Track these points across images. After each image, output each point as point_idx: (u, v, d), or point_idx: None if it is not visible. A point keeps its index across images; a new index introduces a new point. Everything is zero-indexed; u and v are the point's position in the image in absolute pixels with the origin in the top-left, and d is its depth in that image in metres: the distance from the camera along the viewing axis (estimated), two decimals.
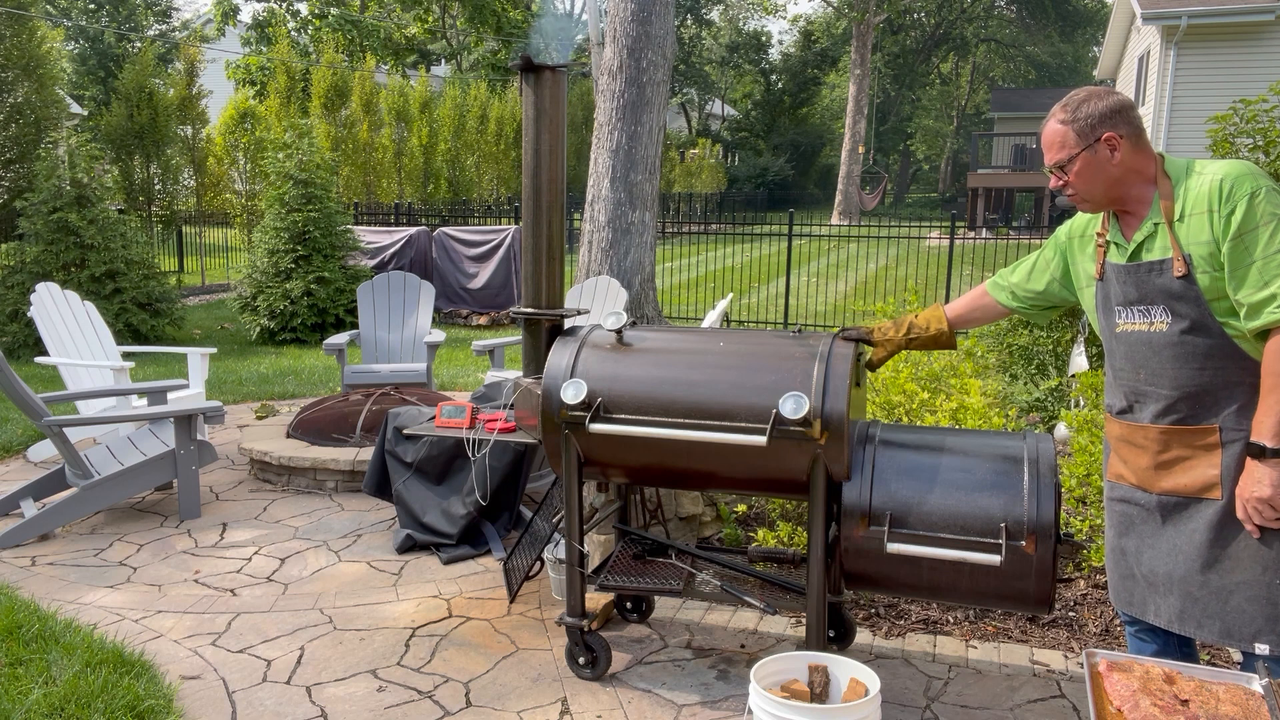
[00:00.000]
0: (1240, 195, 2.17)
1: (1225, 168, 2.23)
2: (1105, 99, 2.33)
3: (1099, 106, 2.32)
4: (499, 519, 4.65)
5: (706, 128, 50.89)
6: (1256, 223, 2.15)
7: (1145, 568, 2.40)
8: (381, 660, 3.47)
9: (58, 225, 9.95)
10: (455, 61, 34.38)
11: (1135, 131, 2.33)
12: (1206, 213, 2.21)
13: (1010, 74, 52.24)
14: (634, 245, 6.58)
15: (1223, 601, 2.25)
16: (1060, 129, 2.35)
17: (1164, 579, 2.35)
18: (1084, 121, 2.32)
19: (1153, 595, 2.38)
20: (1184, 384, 2.28)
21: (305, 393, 7.97)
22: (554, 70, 3.20)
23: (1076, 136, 2.33)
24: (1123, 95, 2.35)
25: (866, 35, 31.88)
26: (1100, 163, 2.32)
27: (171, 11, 38.98)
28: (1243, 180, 2.19)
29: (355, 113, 18.20)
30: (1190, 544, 2.30)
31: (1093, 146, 2.31)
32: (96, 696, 3.05)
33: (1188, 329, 2.26)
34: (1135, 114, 2.34)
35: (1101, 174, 2.33)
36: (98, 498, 4.74)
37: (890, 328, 2.92)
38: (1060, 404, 5.64)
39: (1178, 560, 2.32)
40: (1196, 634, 2.30)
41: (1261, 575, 2.21)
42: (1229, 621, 2.25)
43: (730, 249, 20.34)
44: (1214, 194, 2.21)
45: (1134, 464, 2.41)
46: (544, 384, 3.10)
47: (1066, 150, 2.35)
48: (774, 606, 3.19)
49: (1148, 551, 2.39)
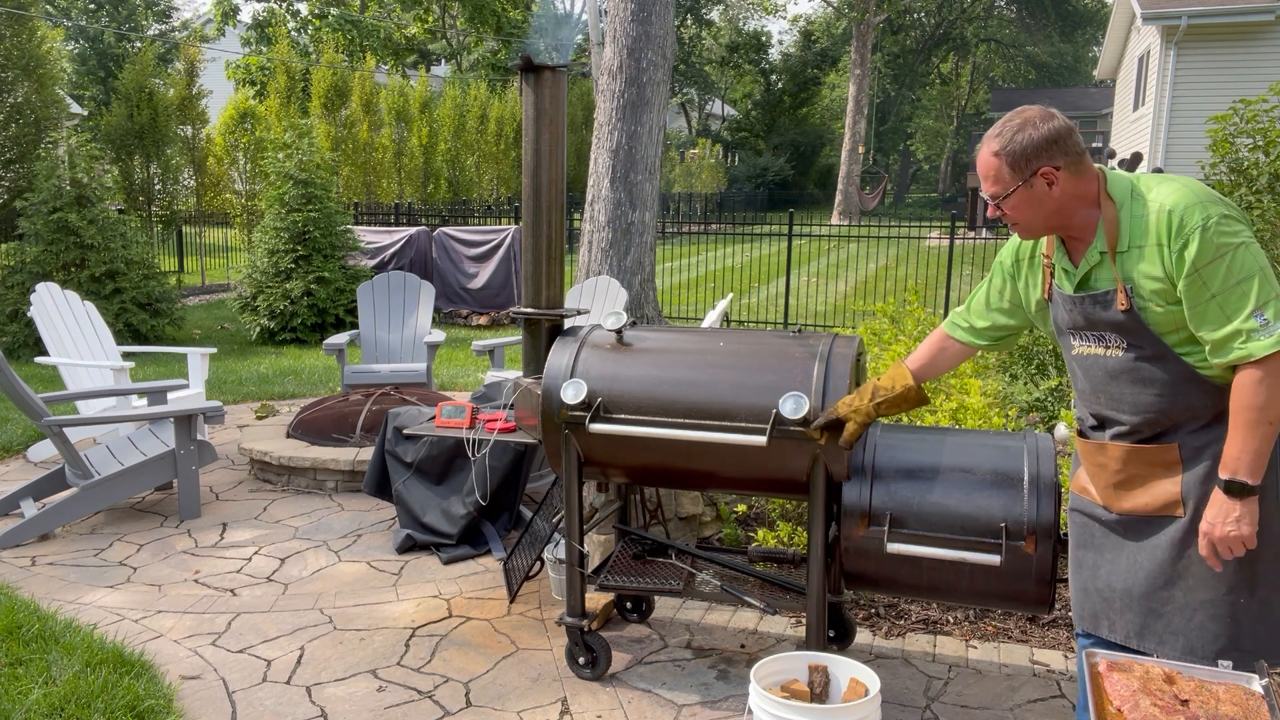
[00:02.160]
0: (1191, 229, 2.05)
1: (1172, 195, 2.11)
2: (1040, 127, 2.17)
3: (1033, 137, 2.16)
4: (499, 519, 4.65)
5: (706, 128, 50.90)
6: (1211, 256, 2.04)
7: (1102, 583, 2.33)
8: (381, 660, 3.47)
9: (58, 225, 9.95)
10: (455, 61, 34.38)
11: (1074, 159, 2.18)
12: (1156, 246, 2.11)
13: (1010, 74, 52.24)
14: (634, 245, 6.58)
15: (1186, 618, 2.20)
16: (994, 161, 2.21)
17: (1122, 595, 2.28)
18: (1018, 155, 2.17)
19: (1108, 611, 2.32)
20: (1143, 408, 2.22)
21: (305, 393, 7.97)
22: (554, 70, 3.20)
23: (1011, 171, 2.19)
24: (1059, 120, 2.20)
25: (866, 35, 31.88)
26: (1038, 196, 2.19)
27: (171, 11, 38.99)
28: (1191, 211, 2.06)
29: (355, 113, 18.20)
30: (1152, 560, 2.24)
31: (1028, 182, 2.18)
32: (96, 696, 3.05)
33: (1142, 356, 2.19)
34: (1074, 139, 2.19)
35: (1040, 207, 2.21)
36: (98, 498, 4.74)
37: (854, 398, 2.75)
38: (1060, 404, 5.63)
39: (1138, 576, 2.25)
40: (1157, 650, 2.23)
41: (1226, 595, 2.16)
42: (1192, 639, 2.19)
43: (730, 249, 20.34)
44: (1162, 227, 2.09)
45: (1097, 482, 2.34)
46: (544, 384, 3.10)
47: (1000, 185, 2.21)
48: (774, 606, 3.19)
49: (1105, 567, 2.33)
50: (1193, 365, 2.15)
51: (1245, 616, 2.17)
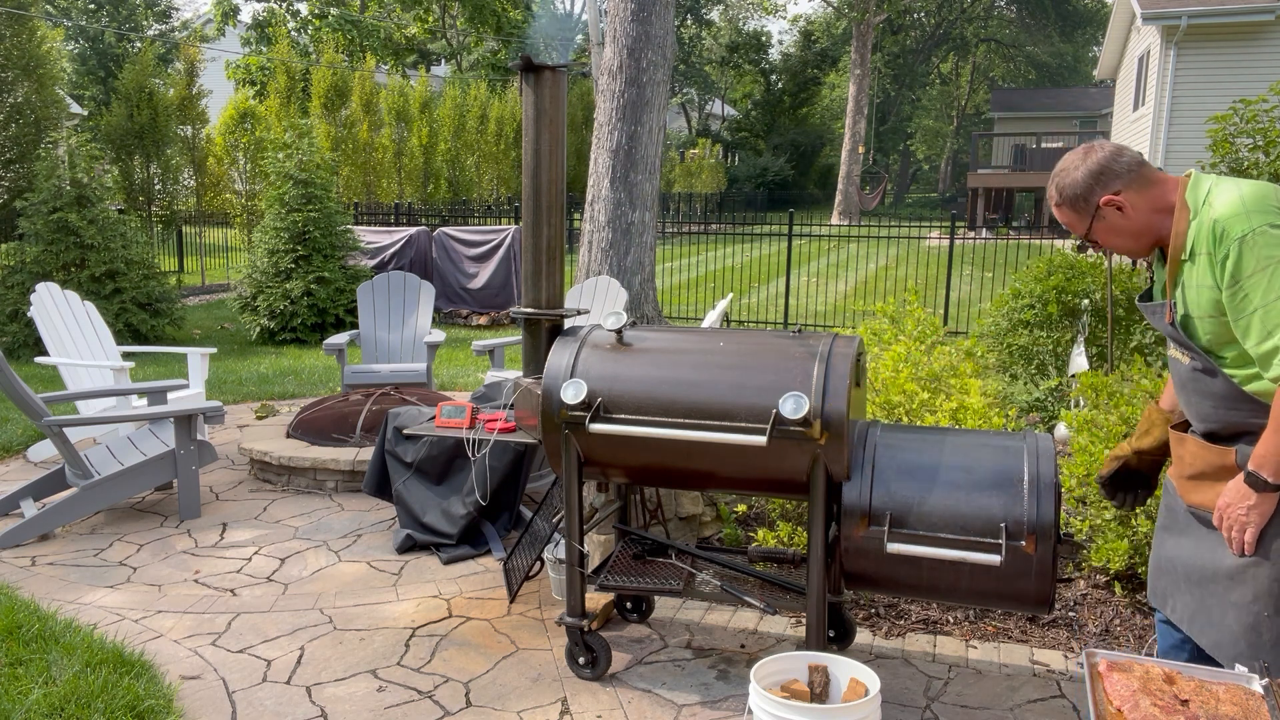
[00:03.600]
0: (1231, 239, 2.05)
1: (1223, 204, 2.11)
2: (1082, 164, 2.24)
3: (1078, 178, 2.24)
4: (499, 519, 4.65)
5: (706, 128, 50.89)
6: (1253, 269, 2.04)
7: (1166, 561, 2.41)
8: (381, 660, 3.47)
9: (58, 225, 9.95)
10: (455, 61, 34.39)
11: (1132, 177, 2.22)
12: (1207, 254, 2.12)
13: (1010, 74, 52.26)
14: (634, 245, 6.58)
15: (1221, 614, 2.25)
16: (1061, 211, 2.29)
17: (1183, 577, 2.36)
18: (1075, 198, 2.25)
19: (1175, 592, 2.39)
20: (1204, 417, 2.27)
21: (305, 393, 7.97)
22: (554, 70, 3.20)
23: (1076, 215, 2.27)
24: (1100, 152, 2.24)
25: (866, 35, 31.88)
26: (1115, 224, 2.24)
27: (171, 11, 38.98)
28: (1235, 221, 2.06)
29: (355, 113, 18.20)
30: (1211, 554, 2.30)
31: (1098, 215, 2.24)
32: (96, 696, 3.05)
33: (1198, 369, 2.23)
34: (1121, 161, 2.22)
35: (1124, 231, 2.25)
36: (98, 498, 4.74)
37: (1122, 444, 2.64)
38: (1060, 404, 5.64)
39: (1196, 564, 2.32)
40: (1199, 639, 2.29)
41: (1252, 603, 2.19)
42: (1221, 636, 2.24)
43: (730, 249, 20.34)
44: (1210, 236, 2.11)
45: (1177, 471, 2.41)
46: (544, 384, 3.10)
47: (1079, 227, 2.28)
48: (774, 606, 3.19)
49: (1173, 547, 2.40)
50: (1240, 383, 2.16)
51: (1267, 631, 2.19)
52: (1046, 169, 24.61)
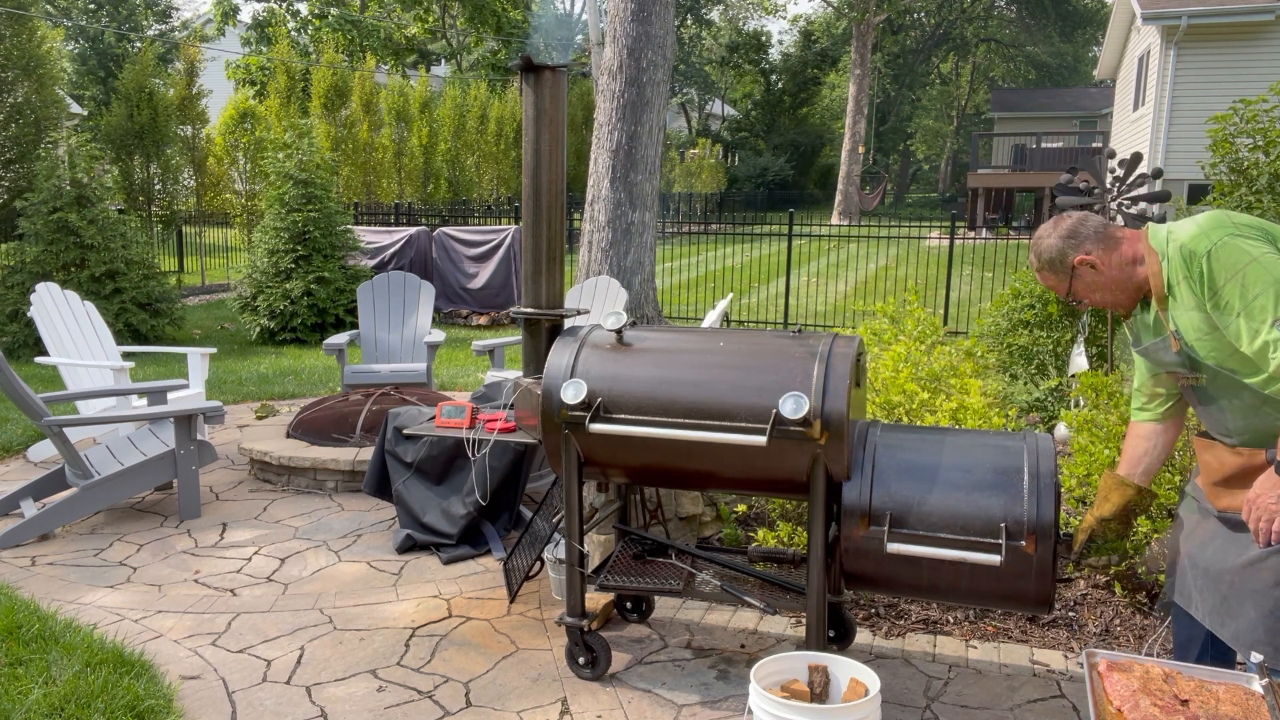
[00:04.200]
0: (1199, 257, 2.23)
1: (1185, 233, 2.29)
2: (1054, 232, 2.48)
3: (1052, 243, 2.48)
4: (499, 519, 4.65)
5: (706, 128, 50.87)
6: (1226, 277, 2.19)
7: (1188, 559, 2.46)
8: (381, 660, 3.47)
9: (58, 225, 9.95)
10: (455, 61, 34.38)
11: (1099, 237, 2.43)
12: (1184, 279, 2.28)
13: (1010, 74, 52.25)
14: (634, 245, 6.58)
15: (1240, 604, 2.30)
16: (1043, 276, 2.54)
17: (1204, 573, 2.40)
18: (1050, 262, 2.49)
19: (1197, 590, 2.44)
20: (1230, 430, 2.35)
21: (305, 393, 7.97)
22: (554, 70, 3.20)
23: (1056, 276, 2.50)
24: (1069, 219, 2.48)
25: (866, 35, 31.87)
26: (1091, 282, 2.46)
27: (171, 11, 38.98)
28: (1197, 241, 2.25)
29: (355, 113, 18.20)
30: (1239, 553, 2.34)
31: (1075, 274, 2.47)
32: (96, 696, 3.05)
33: (1214, 385, 2.33)
34: (1088, 225, 2.45)
35: (1101, 288, 2.45)
36: (98, 498, 4.74)
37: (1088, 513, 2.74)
38: (1060, 404, 5.63)
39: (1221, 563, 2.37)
40: (1219, 631, 2.35)
41: (1272, 588, 2.24)
42: (1238, 626, 2.30)
43: (730, 249, 20.34)
44: (1181, 263, 2.28)
45: (1205, 478, 2.47)
46: (544, 384, 3.10)
47: (1061, 288, 2.52)
48: (774, 606, 3.19)
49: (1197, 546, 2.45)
50: (1260, 387, 2.23)
51: None
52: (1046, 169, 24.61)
